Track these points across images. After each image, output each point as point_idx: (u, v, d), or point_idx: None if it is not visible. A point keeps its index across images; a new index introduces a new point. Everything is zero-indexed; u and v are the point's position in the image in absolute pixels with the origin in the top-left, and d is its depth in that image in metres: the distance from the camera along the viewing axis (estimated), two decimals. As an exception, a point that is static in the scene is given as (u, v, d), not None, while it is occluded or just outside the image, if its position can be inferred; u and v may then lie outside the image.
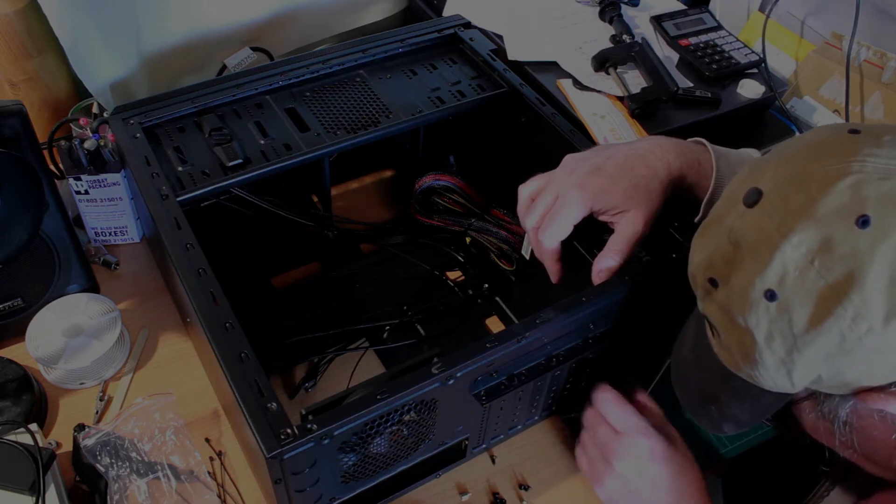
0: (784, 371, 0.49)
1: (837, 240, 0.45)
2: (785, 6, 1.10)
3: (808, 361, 0.48)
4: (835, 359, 0.47)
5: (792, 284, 0.46)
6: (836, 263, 0.45)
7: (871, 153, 0.46)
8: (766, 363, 0.50)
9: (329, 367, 0.85)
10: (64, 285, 0.86)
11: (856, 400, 0.50)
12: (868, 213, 0.44)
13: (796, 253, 0.46)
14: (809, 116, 1.04)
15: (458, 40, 0.96)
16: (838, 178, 0.46)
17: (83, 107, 1.00)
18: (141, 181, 0.74)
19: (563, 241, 0.70)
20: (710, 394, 0.57)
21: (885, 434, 0.51)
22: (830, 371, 0.48)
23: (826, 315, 0.45)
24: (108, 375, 0.83)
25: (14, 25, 0.91)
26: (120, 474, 0.72)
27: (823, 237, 0.45)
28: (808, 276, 0.46)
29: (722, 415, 0.58)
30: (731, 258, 0.50)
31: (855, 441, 0.52)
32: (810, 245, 0.45)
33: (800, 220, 0.46)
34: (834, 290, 0.45)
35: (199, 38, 1.05)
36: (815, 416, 0.53)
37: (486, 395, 0.68)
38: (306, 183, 0.90)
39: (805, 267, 0.46)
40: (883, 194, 0.44)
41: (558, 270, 0.72)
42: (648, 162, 0.69)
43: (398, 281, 0.94)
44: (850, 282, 0.44)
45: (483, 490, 0.77)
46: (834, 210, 0.45)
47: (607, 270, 0.69)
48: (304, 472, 0.59)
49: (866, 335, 0.45)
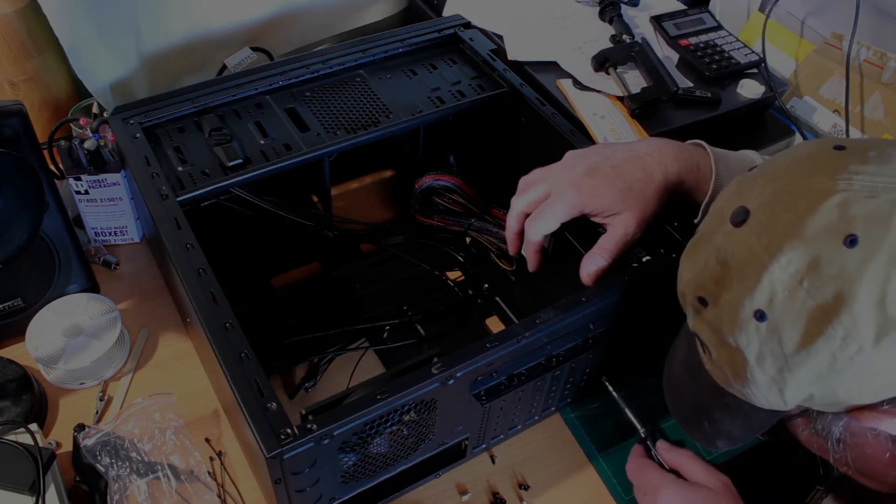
0: (776, 390, 0.49)
1: (825, 260, 0.44)
2: (785, 6, 1.10)
3: (800, 381, 0.48)
4: (826, 378, 0.46)
5: (781, 305, 0.46)
6: (825, 284, 0.44)
7: (858, 170, 0.46)
8: (757, 382, 0.50)
9: (329, 367, 0.85)
10: (64, 285, 0.86)
11: (849, 418, 0.49)
12: (856, 233, 0.44)
13: (785, 273, 0.46)
14: (809, 116, 1.04)
15: (458, 40, 0.96)
16: (825, 197, 0.45)
17: (83, 107, 1.00)
18: (141, 181, 0.74)
19: (552, 234, 0.71)
20: (702, 410, 0.57)
21: (879, 451, 0.51)
22: (822, 390, 0.48)
23: (816, 335, 0.45)
24: (108, 375, 0.83)
25: (14, 25, 0.91)
26: (120, 474, 0.72)
27: (812, 257, 0.45)
28: (798, 297, 0.45)
29: (715, 430, 0.58)
30: (719, 278, 0.50)
31: (849, 458, 0.52)
32: (798, 265, 0.45)
33: (787, 240, 0.46)
34: (823, 311, 0.45)
35: (199, 38, 1.05)
36: (808, 432, 0.53)
37: (486, 395, 0.68)
38: (306, 183, 0.90)
39: (794, 287, 0.45)
40: (870, 213, 0.44)
41: (537, 261, 0.74)
42: (645, 165, 0.69)
43: (398, 281, 0.94)
44: (839, 302, 0.44)
45: (483, 490, 0.77)
46: (821, 229, 0.45)
47: (595, 270, 0.70)
48: (304, 472, 0.59)
49: (857, 355, 0.44)
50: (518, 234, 0.74)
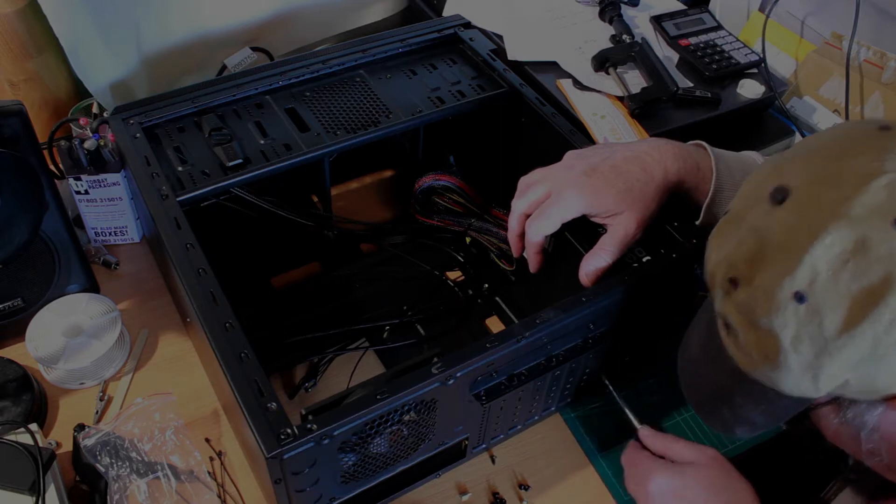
0: (809, 375, 0.47)
1: (874, 241, 0.43)
2: (785, 6, 1.10)
3: (838, 366, 0.46)
4: (866, 364, 0.45)
5: (823, 286, 0.45)
6: (873, 265, 0.43)
7: None
8: (790, 366, 0.48)
9: (329, 367, 0.85)
10: (64, 285, 0.86)
11: (885, 407, 0.48)
12: None
13: (828, 254, 0.44)
14: (809, 116, 1.04)
15: (458, 40, 0.96)
16: (872, 178, 0.44)
17: (83, 107, 1.00)
18: (141, 181, 0.74)
19: (552, 234, 0.71)
20: (721, 395, 0.56)
21: None
22: (860, 377, 0.46)
23: (860, 319, 0.44)
24: (108, 375, 0.83)
25: (14, 25, 0.91)
26: (120, 474, 0.72)
27: (858, 238, 0.44)
28: (842, 278, 0.44)
29: (735, 417, 0.56)
30: (754, 258, 0.48)
31: (883, 449, 0.50)
32: (844, 246, 0.44)
33: (832, 220, 0.44)
34: (869, 293, 0.43)
35: (199, 38, 1.05)
36: (837, 421, 0.52)
37: (486, 395, 0.68)
38: (306, 183, 0.90)
39: (838, 268, 0.44)
40: None
41: (538, 262, 0.74)
42: (645, 165, 0.69)
43: (398, 281, 0.94)
44: (887, 285, 0.43)
45: (483, 490, 0.77)
46: (869, 210, 0.44)
47: (595, 270, 0.70)
48: (304, 472, 0.59)
49: None
50: (520, 236, 0.73)
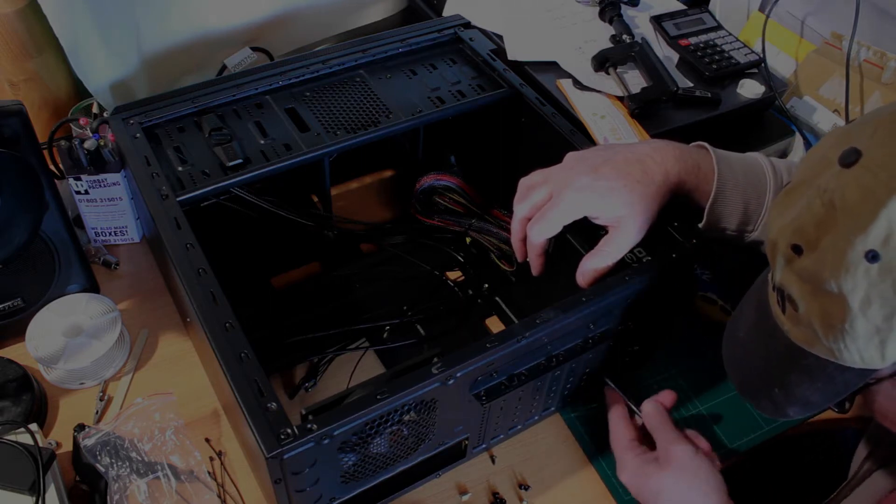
0: (876, 341, 0.46)
1: None
2: (785, 6, 1.10)
3: None
4: None
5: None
6: None
7: None
8: (856, 332, 0.46)
9: (329, 367, 0.85)
10: (64, 285, 0.86)
11: None
12: None
13: None
14: (809, 116, 1.04)
15: (458, 40, 0.96)
16: None
17: (83, 107, 1.00)
18: (141, 181, 0.74)
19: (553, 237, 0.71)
20: (774, 376, 0.55)
21: None
22: None
23: None
24: (108, 375, 0.83)
25: (14, 25, 0.91)
26: (120, 474, 0.72)
27: None
28: None
29: (788, 397, 0.55)
30: (822, 220, 0.47)
31: None
32: None
33: None
34: None
35: (199, 38, 1.05)
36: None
37: (486, 395, 0.68)
38: (306, 183, 0.90)
39: None
40: None
41: (541, 265, 0.74)
42: (646, 167, 0.69)
43: (398, 281, 0.94)
44: None
45: (483, 490, 0.77)
46: None
47: (593, 271, 0.70)
48: (304, 472, 0.59)
49: None
50: (523, 240, 0.73)
